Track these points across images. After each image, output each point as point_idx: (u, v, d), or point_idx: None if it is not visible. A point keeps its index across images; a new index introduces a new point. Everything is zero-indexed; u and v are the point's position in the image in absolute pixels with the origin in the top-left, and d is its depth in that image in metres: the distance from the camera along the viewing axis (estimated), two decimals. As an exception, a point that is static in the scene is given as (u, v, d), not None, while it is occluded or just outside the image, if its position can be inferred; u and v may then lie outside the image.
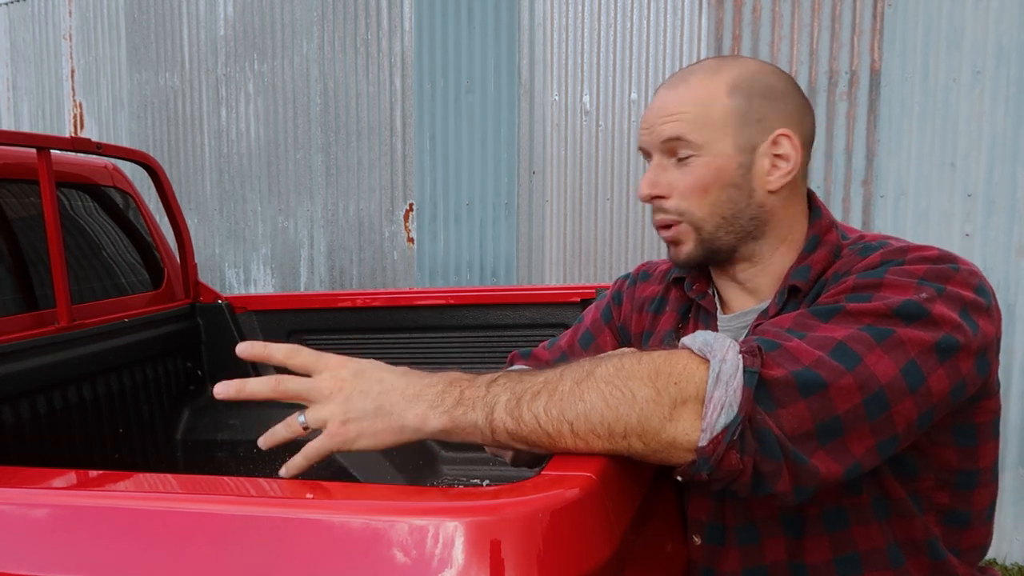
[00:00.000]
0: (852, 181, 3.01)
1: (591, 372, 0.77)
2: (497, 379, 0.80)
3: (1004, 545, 2.92)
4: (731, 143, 0.96)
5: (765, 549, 0.97)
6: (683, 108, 0.97)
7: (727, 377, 0.75)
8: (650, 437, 0.75)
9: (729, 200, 0.97)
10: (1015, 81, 2.75)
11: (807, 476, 0.77)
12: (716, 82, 0.97)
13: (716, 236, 0.99)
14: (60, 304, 1.99)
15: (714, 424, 0.74)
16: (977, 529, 0.96)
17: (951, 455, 0.91)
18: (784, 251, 1.01)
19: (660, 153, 1.00)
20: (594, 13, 3.36)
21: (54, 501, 0.79)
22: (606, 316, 1.26)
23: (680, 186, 0.99)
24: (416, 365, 2.40)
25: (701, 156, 0.97)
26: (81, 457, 2.04)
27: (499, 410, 0.77)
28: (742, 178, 0.97)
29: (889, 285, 0.84)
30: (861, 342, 0.79)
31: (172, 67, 4.32)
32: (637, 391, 0.75)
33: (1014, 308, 2.83)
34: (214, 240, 4.29)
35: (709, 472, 0.76)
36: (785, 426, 0.75)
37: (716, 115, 0.96)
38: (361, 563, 0.63)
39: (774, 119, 0.97)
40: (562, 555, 0.65)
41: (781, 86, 0.99)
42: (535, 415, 0.76)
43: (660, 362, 0.77)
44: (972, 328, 0.82)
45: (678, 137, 0.97)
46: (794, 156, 0.97)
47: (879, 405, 0.77)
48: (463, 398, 0.79)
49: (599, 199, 3.41)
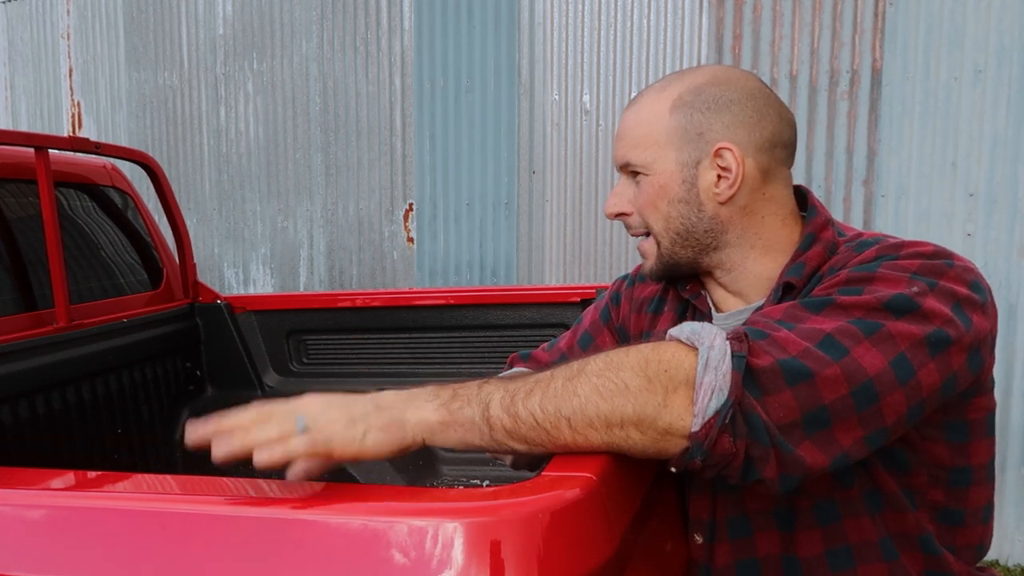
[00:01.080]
0: (853, 180, 3.01)
1: (581, 369, 0.79)
2: (488, 380, 0.82)
3: (1006, 546, 2.92)
4: (673, 159, 0.99)
5: (758, 542, 0.97)
6: (632, 129, 1.02)
7: (715, 362, 0.75)
8: (647, 426, 0.76)
9: (679, 215, 1.00)
10: (1016, 80, 2.75)
11: (793, 465, 0.77)
12: (662, 100, 1.00)
13: (673, 251, 1.03)
14: (59, 304, 1.99)
15: (706, 408, 0.74)
16: (972, 528, 0.96)
17: (942, 451, 0.91)
18: (758, 256, 1.01)
19: (620, 171, 1.05)
20: (594, 13, 3.35)
21: (53, 502, 0.79)
22: (605, 317, 1.26)
23: (636, 204, 1.03)
24: (416, 365, 2.40)
25: (648, 175, 1.01)
26: (80, 457, 2.04)
27: (495, 407, 0.78)
28: (687, 193, 0.99)
29: (881, 279, 0.85)
30: (849, 335, 0.79)
31: (171, 66, 4.31)
32: (629, 381, 0.76)
33: (1015, 307, 2.83)
34: (213, 240, 4.29)
35: (703, 458, 0.76)
36: (772, 414, 0.76)
37: (658, 134, 1.00)
38: (361, 564, 0.63)
39: (716, 132, 0.97)
40: (562, 555, 0.65)
41: (729, 95, 0.98)
42: (531, 412, 0.77)
43: (648, 352, 0.78)
44: (964, 323, 0.82)
45: (627, 160, 1.02)
46: (736, 168, 0.97)
47: (867, 397, 0.77)
48: (457, 394, 0.80)
49: (599, 199, 3.41)
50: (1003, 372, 2.84)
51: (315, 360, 2.53)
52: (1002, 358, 2.82)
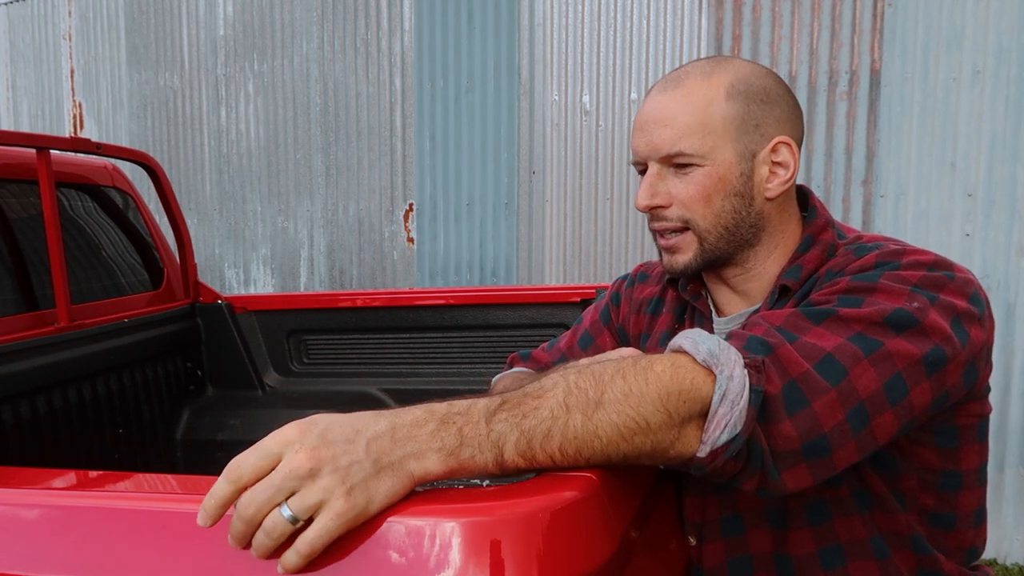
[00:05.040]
0: (852, 181, 3.01)
1: (599, 402, 0.71)
2: (495, 412, 0.70)
3: (1004, 545, 2.92)
4: (732, 150, 0.94)
5: (750, 540, 0.97)
6: (681, 116, 0.94)
7: (733, 396, 0.73)
8: (658, 456, 0.75)
9: (732, 209, 0.96)
10: (1015, 81, 2.75)
11: (773, 486, 0.78)
12: (713, 86, 0.95)
13: (718, 247, 0.98)
14: (60, 304, 1.99)
15: (716, 440, 0.74)
16: (963, 532, 0.95)
17: (931, 456, 0.91)
18: (777, 256, 1.01)
19: (657, 161, 0.97)
20: (594, 13, 3.36)
21: (54, 502, 0.79)
22: (605, 317, 1.26)
23: (682, 196, 0.96)
24: (416, 365, 2.39)
25: (703, 166, 0.95)
26: (81, 457, 2.04)
27: (509, 451, 0.69)
28: (744, 186, 0.96)
29: (882, 290, 0.84)
30: (848, 354, 0.78)
31: (172, 67, 4.32)
32: (651, 418, 0.72)
33: (1014, 308, 2.83)
34: (214, 240, 4.29)
35: (700, 473, 0.77)
36: (773, 442, 0.76)
37: (716, 121, 0.94)
38: (361, 564, 0.63)
39: (771, 125, 0.96)
40: (562, 555, 0.65)
41: (776, 89, 0.97)
42: (550, 456, 0.71)
43: (667, 380, 0.73)
44: (961, 340, 0.82)
45: (678, 149, 0.94)
46: (792, 163, 0.96)
47: (861, 420, 0.77)
48: (465, 439, 0.68)
49: (599, 199, 3.41)
50: (1002, 372, 2.84)
51: (315, 360, 2.53)
52: (1000, 358, 2.82)
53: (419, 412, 0.68)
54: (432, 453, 0.66)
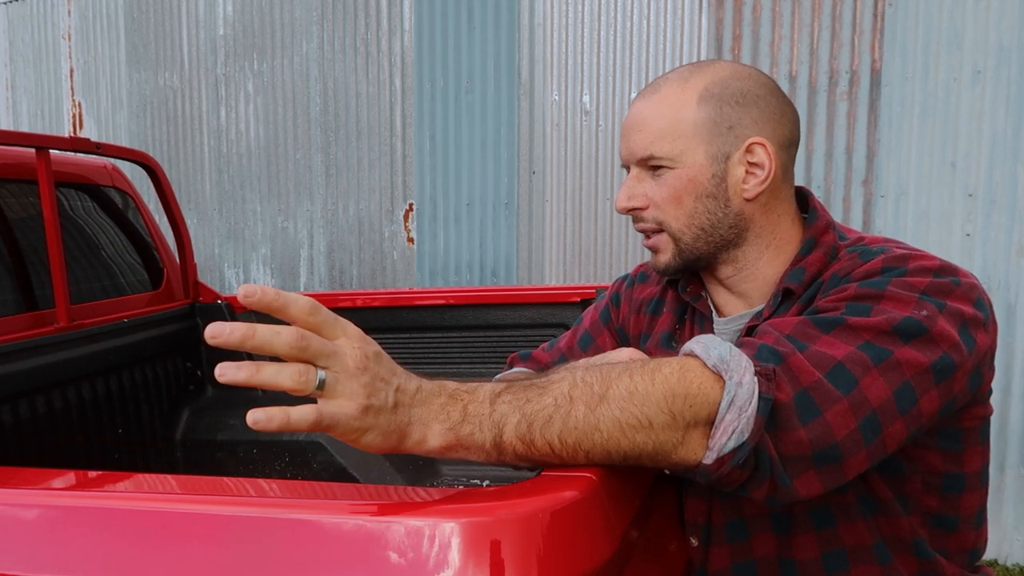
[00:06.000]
0: (852, 181, 3.01)
1: (603, 396, 0.73)
2: (500, 394, 0.74)
3: (1005, 545, 2.92)
4: (703, 153, 0.96)
5: (754, 544, 0.97)
6: (654, 121, 0.97)
7: (742, 402, 0.73)
8: (660, 459, 0.75)
9: (705, 211, 0.98)
10: (1015, 81, 2.75)
11: (784, 493, 0.78)
12: (687, 91, 0.97)
13: (695, 247, 1.00)
14: (59, 304, 1.99)
15: (722, 446, 0.74)
16: (965, 533, 0.96)
17: (936, 459, 0.92)
18: (771, 256, 1.01)
19: (636, 165, 1.01)
20: (594, 13, 3.35)
21: (54, 502, 0.79)
22: (605, 317, 1.26)
23: (656, 198, 0.99)
24: (416, 365, 2.41)
25: (674, 168, 0.97)
26: (81, 457, 2.04)
27: (509, 433, 0.72)
28: (716, 188, 0.97)
29: (890, 298, 0.84)
30: (858, 363, 0.79)
31: (171, 67, 4.31)
32: (654, 418, 0.73)
33: (1015, 308, 2.83)
34: (214, 240, 4.29)
35: (706, 481, 0.77)
36: (782, 448, 0.76)
37: (686, 126, 0.96)
38: (361, 564, 0.63)
39: (746, 126, 0.96)
40: (562, 555, 0.65)
41: (755, 90, 0.97)
42: (548, 442, 0.72)
43: (674, 382, 0.74)
44: (968, 346, 0.83)
45: (650, 153, 0.97)
46: (768, 163, 0.96)
47: (873, 429, 0.78)
48: (468, 415, 0.72)
49: (599, 199, 3.41)
50: (1002, 372, 2.84)
51: (315, 360, 2.53)
52: (1001, 359, 2.82)
53: (435, 385, 0.74)
54: (435, 424, 0.71)
